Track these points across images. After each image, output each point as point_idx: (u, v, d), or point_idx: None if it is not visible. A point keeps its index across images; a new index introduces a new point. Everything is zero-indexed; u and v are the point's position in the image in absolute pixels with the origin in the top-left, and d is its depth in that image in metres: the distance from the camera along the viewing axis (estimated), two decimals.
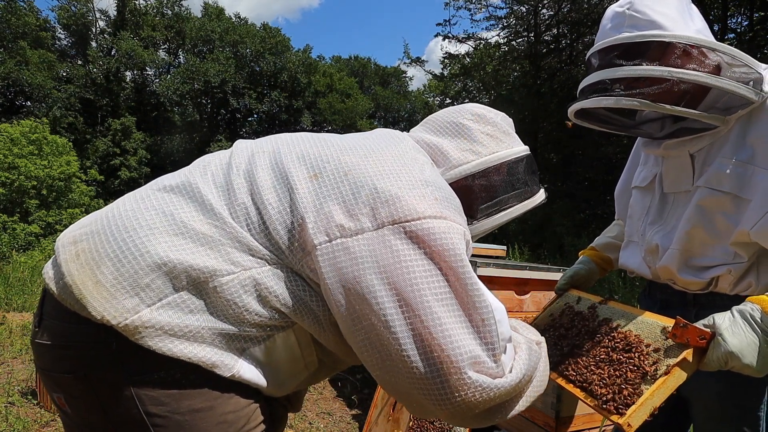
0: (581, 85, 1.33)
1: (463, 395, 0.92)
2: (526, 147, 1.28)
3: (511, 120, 1.30)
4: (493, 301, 0.99)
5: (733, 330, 1.06)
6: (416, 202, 0.97)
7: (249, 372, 0.98)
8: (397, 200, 0.96)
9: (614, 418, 1.06)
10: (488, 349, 0.94)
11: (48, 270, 1.00)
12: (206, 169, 1.07)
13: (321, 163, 1.03)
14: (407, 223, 0.95)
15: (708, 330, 1.07)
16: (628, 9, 1.26)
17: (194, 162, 1.14)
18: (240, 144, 1.15)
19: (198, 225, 0.97)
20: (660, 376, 1.06)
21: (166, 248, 0.94)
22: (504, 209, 1.22)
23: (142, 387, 0.92)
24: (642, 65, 1.18)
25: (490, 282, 2.86)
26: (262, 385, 1.01)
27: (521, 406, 1.05)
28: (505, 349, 1.00)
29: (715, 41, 1.21)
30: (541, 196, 1.29)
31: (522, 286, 3.04)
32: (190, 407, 0.94)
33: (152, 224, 0.97)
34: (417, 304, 0.92)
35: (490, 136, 1.22)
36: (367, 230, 0.95)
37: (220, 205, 1.00)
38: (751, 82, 1.19)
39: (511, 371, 0.99)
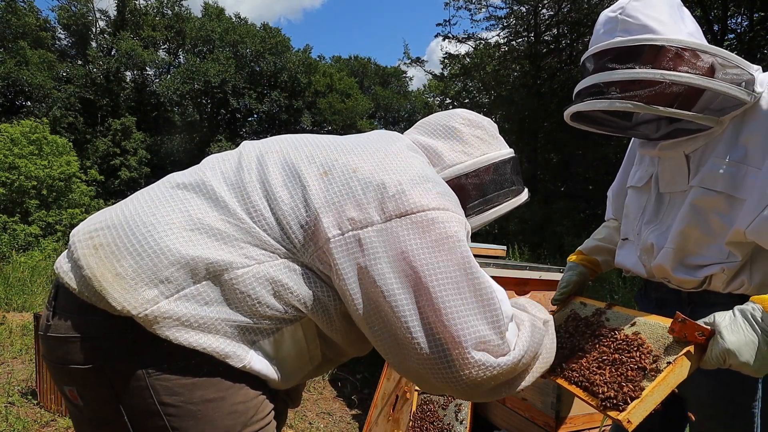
0: (576, 89, 1.35)
1: (468, 373, 0.98)
2: (511, 150, 1.37)
3: (496, 125, 1.38)
4: (493, 284, 1.06)
5: (732, 328, 1.06)
6: (420, 196, 1.04)
7: (259, 363, 1.03)
8: (403, 194, 1.04)
9: (614, 414, 1.06)
10: (494, 327, 1.01)
11: (62, 264, 1.03)
12: (216, 169, 1.12)
13: (330, 161, 1.09)
14: (413, 215, 1.02)
15: (707, 327, 1.07)
16: (620, 14, 1.28)
17: (203, 162, 1.18)
18: (247, 145, 1.19)
19: (213, 221, 1.02)
20: (660, 373, 1.07)
21: (184, 243, 0.98)
22: (493, 207, 1.30)
23: (157, 377, 0.96)
24: (635, 68, 1.20)
25: None
26: (272, 377, 1.05)
27: (528, 381, 1.13)
28: (508, 327, 1.06)
29: (706, 44, 1.23)
30: (525, 194, 1.38)
31: (522, 286, 3.04)
32: (203, 397, 0.98)
33: (170, 220, 1.01)
34: (424, 288, 0.99)
35: (479, 139, 1.30)
36: (377, 222, 1.02)
37: (234, 202, 1.05)
38: (743, 83, 1.21)
39: (514, 348, 1.05)
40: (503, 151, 1.33)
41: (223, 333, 0.98)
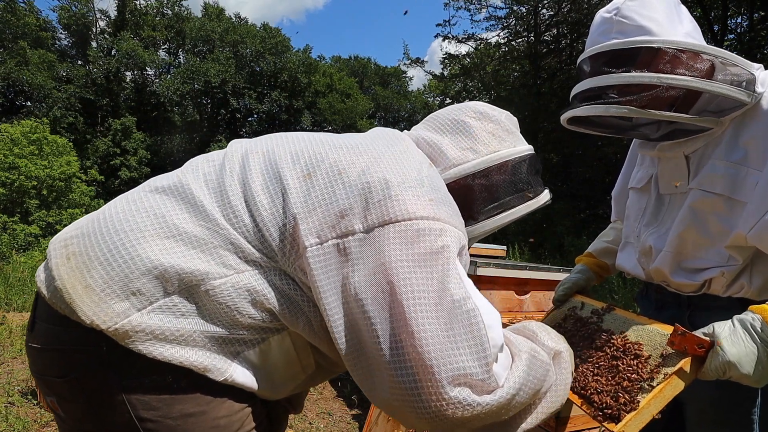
0: (573, 92, 1.33)
1: (442, 411, 0.86)
2: (530, 146, 1.24)
3: (515, 119, 1.27)
4: (482, 306, 0.93)
5: (732, 339, 1.04)
6: (409, 203, 0.95)
7: (242, 376, 0.97)
8: (389, 200, 0.95)
9: (610, 426, 1.04)
10: (478, 358, 0.88)
11: (40, 273, 0.99)
12: (198, 170, 1.06)
13: (315, 162, 1.01)
14: (398, 224, 0.93)
15: (707, 339, 1.05)
16: (615, 15, 1.25)
17: (187, 162, 1.12)
18: (234, 144, 1.13)
19: (190, 227, 0.96)
20: (657, 385, 1.05)
21: (157, 252, 0.93)
22: (505, 210, 1.17)
23: (133, 391, 0.91)
24: (631, 72, 1.18)
25: (490, 282, 2.86)
26: (257, 388, 1.00)
27: (530, 422, 0.98)
28: (497, 358, 0.92)
29: (704, 44, 1.20)
30: (545, 197, 1.25)
31: (522, 286, 3.03)
32: (182, 411, 0.93)
33: (143, 227, 0.95)
34: (399, 306, 0.89)
35: (492, 135, 1.18)
36: (358, 232, 0.94)
37: (213, 206, 0.99)
38: (744, 83, 1.18)
39: (503, 385, 0.91)
40: (518, 148, 1.20)
41: (201, 345, 0.93)
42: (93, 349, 0.91)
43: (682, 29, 1.24)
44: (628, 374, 1.11)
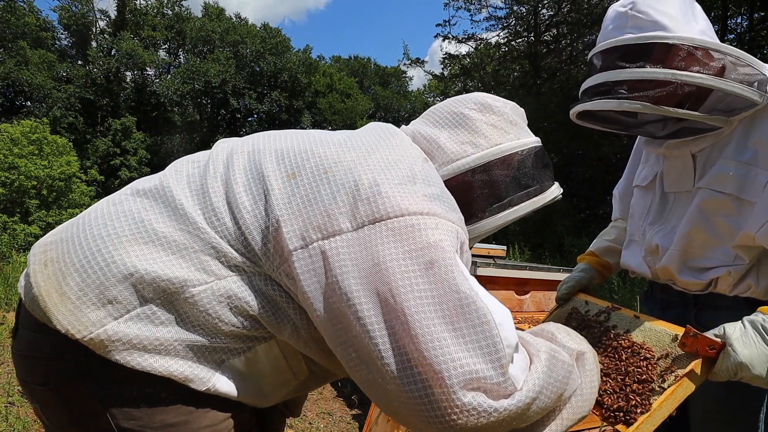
0: (583, 86, 1.32)
1: (456, 419, 0.79)
2: (536, 139, 1.16)
3: (522, 110, 1.20)
4: (490, 303, 0.87)
5: (744, 340, 1.04)
6: (400, 199, 0.89)
7: (227, 385, 0.93)
8: (379, 197, 0.88)
9: (622, 428, 1.03)
10: (490, 359, 0.81)
11: (21, 278, 0.97)
12: (182, 172, 1.01)
13: (300, 161, 0.96)
14: (389, 221, 0.87)
15: (718, 340, 1.05)
16: (630, 9, 1.24)
17: (171, 164, 1.07)
18: (220, 144, 1.09)
19: (169, 231, 0.92)
20: (668, 387, 1.04)
21: (134, 258, 0.89)
22: (509, 207, 1.10)
23: (113, 402, 0.88)
24: (645, 67, 1.17)
25: (490, 282, 2.86)
26: (241, 397, 0.97)
27: (555, 430, 0.91)
28: (512, 359, 0.85)
29: (719, 42, 1.20)
30: (554, 192, 1.18)
31: (522, 286, 3.03)
32: (163, 422, 0.89)
33: (121, 232, 0.91)
34: (398, 309, 0.82)
35: (493, 127, 1.11)
36: (346, 231, 0.87)
37: (194, 209, 0.94)
38: (756, 83, 1.17)
39: (521, 387, 0.84)
40: (523, 140, 1.12)
41: (182, 355, 0.89)
42: (71, 357, 0.88)
43: (697, 26, 1.23)
44: (638, 376, 1.10)
